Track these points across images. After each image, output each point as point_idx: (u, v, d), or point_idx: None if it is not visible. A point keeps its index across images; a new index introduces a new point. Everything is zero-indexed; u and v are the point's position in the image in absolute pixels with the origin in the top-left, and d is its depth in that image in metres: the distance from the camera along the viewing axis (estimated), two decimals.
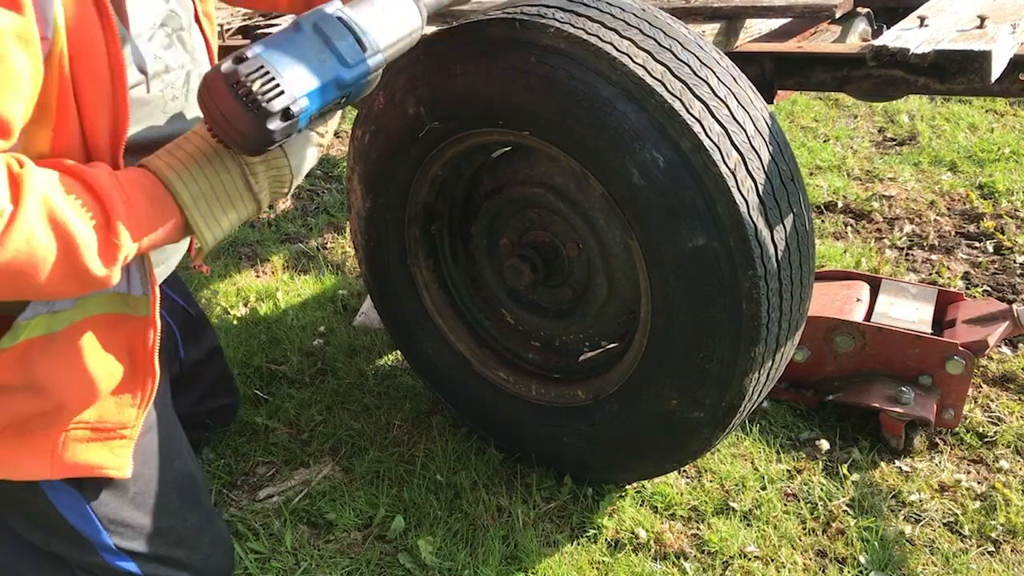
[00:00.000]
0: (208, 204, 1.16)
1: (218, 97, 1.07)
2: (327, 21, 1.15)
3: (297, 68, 1.11)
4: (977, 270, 2.72)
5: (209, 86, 1.08)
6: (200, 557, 1.50)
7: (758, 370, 1.47)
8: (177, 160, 1.13)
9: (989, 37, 1.63)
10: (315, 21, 1.15)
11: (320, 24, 1.15)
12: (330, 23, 1.15)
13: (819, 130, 3.91)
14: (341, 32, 1.16)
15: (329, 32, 1.15)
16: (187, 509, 1.50)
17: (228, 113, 1.07)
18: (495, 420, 1.88)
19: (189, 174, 1.13)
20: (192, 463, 1.54)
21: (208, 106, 1.09)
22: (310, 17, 1.15)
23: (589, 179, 1.46)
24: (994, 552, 1.70)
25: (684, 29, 1.46)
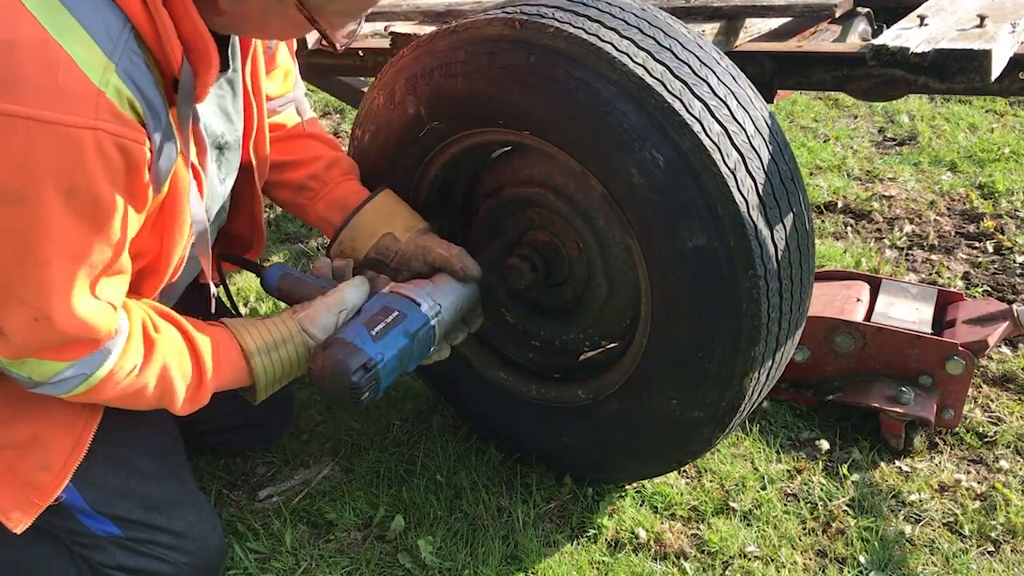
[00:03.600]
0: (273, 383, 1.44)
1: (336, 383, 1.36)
2: (427, 331, 1.47)
3: (393, 374, 1.42)
4: (977, 270, 2.72)
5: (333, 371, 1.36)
6: (182, 525, 1.51)
7: (758, 370, 1.47)
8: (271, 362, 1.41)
9: (989, 36, 1.63)
10: (420, 331, 1.45)
11: (422, 335, 1.45)
12: (428, 334, 1.47)
13: (819, 130, 3.91)
14: (429, 340, 1.48)
15: (423, 340, 1.46)
16: (161, 476, 1.52)
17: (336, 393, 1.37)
18: (495, 420, 1.88)
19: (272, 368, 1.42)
20: (165, 436, 1.57)
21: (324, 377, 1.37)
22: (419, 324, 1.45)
23: (589, 179, 1.46)
24: (994, 552, 1.70)
25: (684, 28, 1.46)
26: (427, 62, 1.54)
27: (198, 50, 1.16)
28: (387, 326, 1.42)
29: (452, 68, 1.51)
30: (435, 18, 2.24)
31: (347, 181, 1.68)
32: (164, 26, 1.11)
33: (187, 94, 1.19)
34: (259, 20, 1.21)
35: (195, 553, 1.50)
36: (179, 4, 1.12)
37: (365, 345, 1.38)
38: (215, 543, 1.55)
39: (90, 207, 1.09)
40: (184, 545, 1.49)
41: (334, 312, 1.45)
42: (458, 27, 1.49)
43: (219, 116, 1.43)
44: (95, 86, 1.04)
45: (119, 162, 1.09)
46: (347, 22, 1.24)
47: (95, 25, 1.06)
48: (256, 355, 1.39)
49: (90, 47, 1.04)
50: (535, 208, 1.69)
